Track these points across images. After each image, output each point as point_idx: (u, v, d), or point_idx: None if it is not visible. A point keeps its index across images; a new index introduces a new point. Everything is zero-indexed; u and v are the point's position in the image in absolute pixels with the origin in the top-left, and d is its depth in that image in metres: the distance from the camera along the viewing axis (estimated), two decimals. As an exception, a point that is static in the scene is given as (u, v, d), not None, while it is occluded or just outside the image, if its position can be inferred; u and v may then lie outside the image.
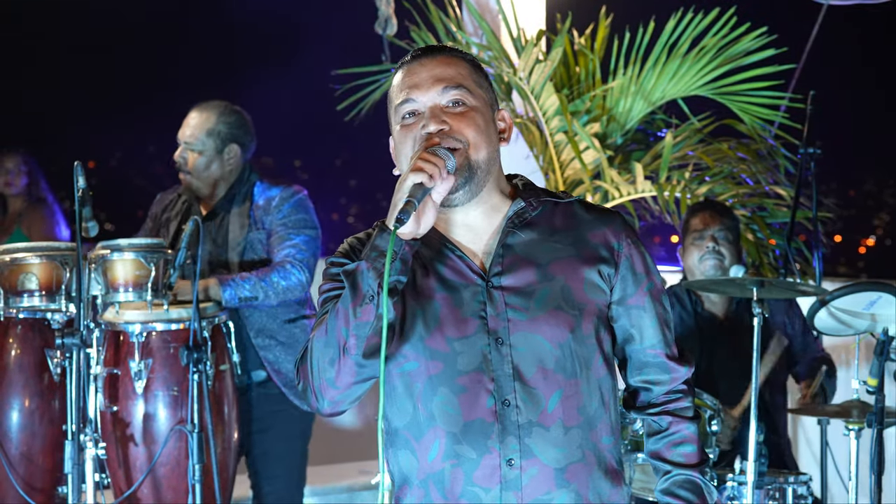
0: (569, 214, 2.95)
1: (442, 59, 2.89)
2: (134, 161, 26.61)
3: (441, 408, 2.81)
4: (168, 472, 4.97)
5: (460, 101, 2.85)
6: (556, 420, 2.80)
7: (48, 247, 5.13)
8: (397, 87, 2.90)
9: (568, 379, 2.82)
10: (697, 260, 5.78)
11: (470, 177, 2.83)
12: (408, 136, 2.85)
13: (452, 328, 2.81)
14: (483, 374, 2.80)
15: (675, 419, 3.02)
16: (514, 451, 2.79)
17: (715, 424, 5.24)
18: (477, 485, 2.80)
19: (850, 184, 25.39)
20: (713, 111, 7.49)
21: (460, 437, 2.80)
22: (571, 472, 2.82)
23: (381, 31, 7.61)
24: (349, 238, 2.95)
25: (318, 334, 2.77)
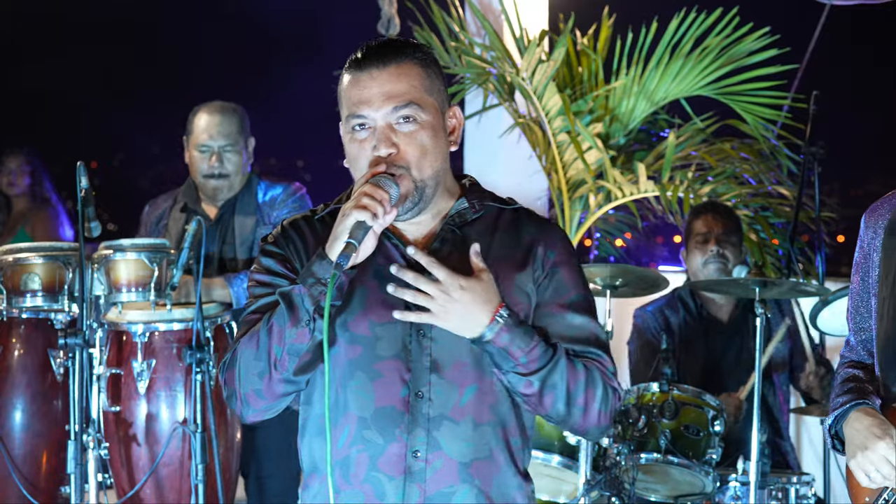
0: (510, 220, 2.97)
1: (393, 71, 2.86)
2: (137, 161, 26.60)
3: (355, 392, 2.84)
4: (171, 473, 4.97)
5: (411, 118, 2.85)
6: (466, 415, 2.83)
7: (51, 247, 5.13)
8: (347, 96, 2.90)
9: (483, 376, 2.84)
10: (701, 264, 5.78)
11: (418, 199, 2.86)
12: (360, 153, 2.87)
13: (375, 314, 2.83)
14: (401, 363, 2.83)
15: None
16: (422, 443, 2.82)
17: (718, 425, 5.24)
18: (381, 471, 2.83)
19: (852, 184, 25.36)
20: (716, 111, 7.49)
21: (370, 423, 2.83)
22: (476, 468, 2.84)
23: (383, 31, 7.61)
24: (285, 221, 2.99)
25: (248, 345, 2.80)
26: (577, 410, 2.83)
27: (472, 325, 2.75)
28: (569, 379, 2.80)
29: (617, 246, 8.12)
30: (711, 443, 5.24)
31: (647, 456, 5.20)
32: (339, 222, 2.72)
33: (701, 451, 5.22)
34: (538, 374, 2.78)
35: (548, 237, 2.94)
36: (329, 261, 2.72)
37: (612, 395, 2.87)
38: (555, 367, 2.79)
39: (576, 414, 2.83)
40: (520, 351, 2.76)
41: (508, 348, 2.75)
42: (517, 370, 2.77)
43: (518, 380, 2.79)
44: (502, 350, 2.76)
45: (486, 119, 7.83)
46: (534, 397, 2.80)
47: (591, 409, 2.84)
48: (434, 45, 7.44)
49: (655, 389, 5.28)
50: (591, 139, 7.03)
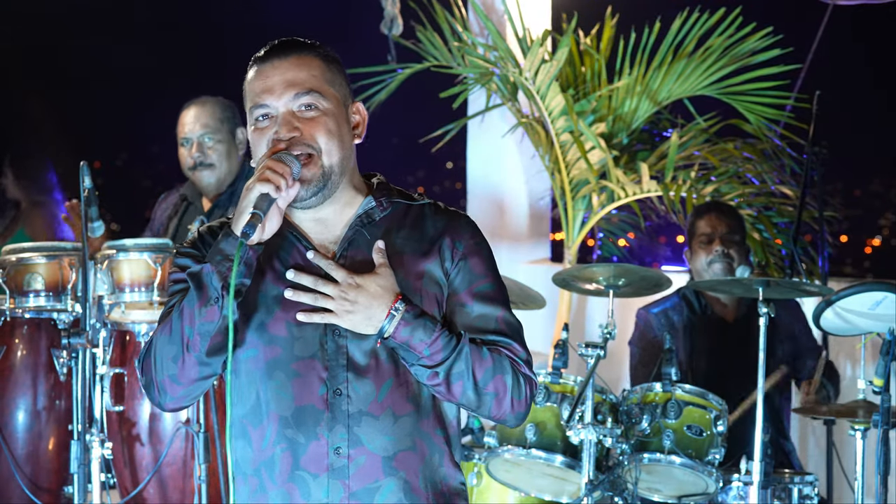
0: (418, 215, 2.99)
1: (294, 61, 2.92)
2: (140, 161, 26.62)
3: (275, 392, 2.87)
4: (174, 472, 4.97)
5: (312, 106, 2.90)
6: (385, 409, 2.86)
7: (54, 247, 5.14)
8: (250, 88, 2.94)
9: (398, 369, 2.87)
10: (706, 263, 5.77)
11: (324, 182, 2.88)
12: (261, 139, 2.90)
13: (292, 314, 2.86)
14: (317, 362, 2.86)
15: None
16: (343, 439, 2.85)
17: (720, 425, 5.24)
18: (305, 470, 2.86)
19: (855, 183, 25.33)
20: (719, 111, 7.49)
21: (290, 422, 2.86)
22: (400, 460, 2.87)
23: (386, 31, 7.62)
24: (203, 226, 3.02)
25: (162, 331, 2.84)
26: (488, 398, 2.85)
27: (371, 322, 2.81)
28: (475, 368, 2.83)
29: (620, 246, 8.12)
30: (714, 443, 5.24)
31: (650, 456, 5.20)
32: (243, 198, 2.76)
33: (704, 452, 5.21)
34: (442, 365, 2.81)
35: (455, 228, 2.97)
36: (235, 236, 2.76)
37: (524, 383, 2.89)
38: (458, 356, 2.82)
39: (487, 401, 2.86)
40: (421, 343, 2.80)
41: (409, 342, 2.80)
42: (422, 363, 2.81)
43: (423, 372, 2.83)
44: (403, 344, 2.80)
45: (489, 119, 7.83)
46: (441, 387, 2.83)
47: (503, 396, 2.86)
48: (437, 45, 7.45)
49: (658, 389, 5.27)
50: (594, 139, 7.03)
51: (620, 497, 5.24)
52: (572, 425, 5.14)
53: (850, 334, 5.36)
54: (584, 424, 5.10)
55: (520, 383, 2.89)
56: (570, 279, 5.61)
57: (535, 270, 7.84)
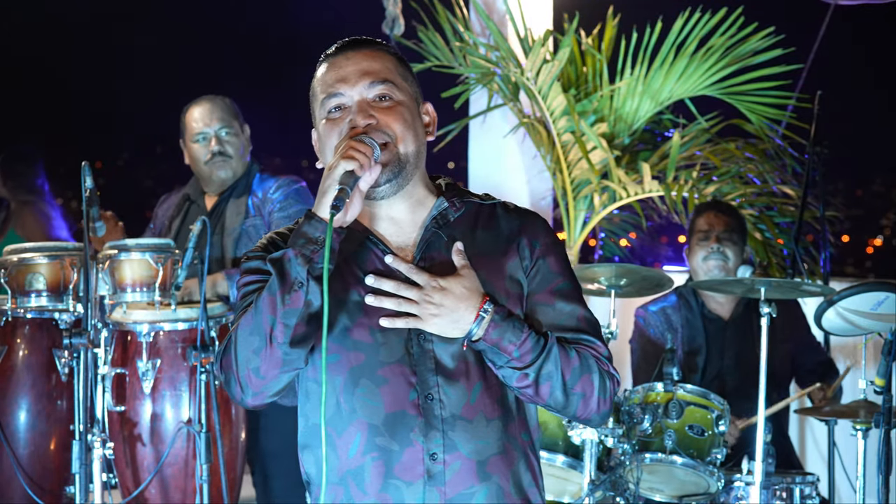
0: (490, 215, 2.96)
1: (368, 53, 2.90)
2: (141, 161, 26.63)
3: (362, 400, 2.81)
4: (175, 472, 4.97)
5: (387, 96, 2.87)
6: (477, 412, 2.81)
7: (56, 247, 5.14)
8: (323, 81, 2.91)
9: (486, 371, 2.82)
10: (701, 260, 5.79)
11: (399, 169, 2.84)
12: (334, 130, 2.87)
13: (376, 320, 2.81)
14: (405, 367, 2.81)
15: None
16: (438, 445, 2.79)
17: (722, 425, 5.24)
18: (398, 478, 2.79)
19: (857, 183, 25.35)
20: (720, 111, 7.49)
21: (382, 429, 2.80)
22: (492, 464, 2.82)
23: (388, 31, 7.61)
24: (268, 234, 2.97)
25: (242, 324, 2.76)
26: (575, 398, 2.81)
27: (459, 325, 2.77)
28: (563, 367, 2.79)
29: (621, 246, 8.12)
30: (716, 443, 5.24)
31: (652, 456, 5.20)
32: (326, 177, 2.72)
33: (705, 451, 5.22)
34: (532, 366, 2.76)
35: (530, 227, 2.94)
36: (318, 219, 2.71)
37: (608, 381, 2.85)
38: (548, 356, 2.78)
39: (575, 402, 2.81)
40: (511, 345, 2.75)
41: (499, 343, 2.75)
42: (511, 364, 2.76)
43: (512, 374, 2.77)
44: (493, 346, 2.75)
45: (491, 119, 7.82)
46: (530, 389, 2.78)
47: (590, 396, 2.82)
48: (439, 45, 7.45)
49: (660, 389, 5.28)
50: (595, 139, 7.03)
51: (622, 497, 5.24)
52: (574, 425, 5.14)
53: (852, 334, 5.36)
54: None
55: (605, 382, 2.84)
56: (571, 279, 5.61)
57: (536, 270, 7.83)
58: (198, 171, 5.62)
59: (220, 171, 5.54)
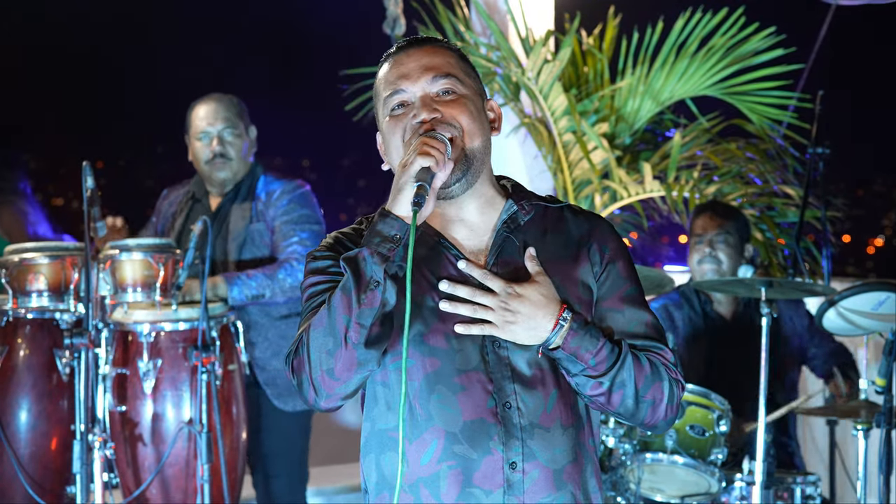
0: (558, 218, 2.92)
1: (429, 49, 2.87)
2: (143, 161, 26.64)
3: (439, 406, 2.77)
4: (176, 473, 4.97)
5: (451, 90, 2.83)
6: (554, 420, 2.78)
7: (57, 247, 5.14)
8: (385, 79, 2.87)
9: (560, 379, 2.80)
10: (696, 263, 5.81)
11: (467, 166, 2.80)
12: (397, 127, 2.83)
13: (450, 326, 2.77)
14: (482, 374, 2.76)
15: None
16: (517, 453, 2.75)
17: (723, 425, 5.24)
18: (477, 486, 2.75)
19: (858, 183, 25.36)
20: (721, 111, 7.49)
21: (460, 437, 2.76)
22: (568, 472, 2.80)
23: (389, 31, 7.61)
24: (333, 233, 2.92)
25: (315, 324, 2.70)
26: (645, 406, 2.78)
27: (537, 332, 2.73)
28: (636, 376, 2.76)
29: (622, 246, 8.11)
30: (717, 443, 5.24)
31: (653, 456, 5.20)
32: (401, 175, 2.67)
33: (706, 451, 5.22)
34: (608, 374, 2.74)
35: (599, 231, 2.90)
36: (393, 217, 2.66)
37: (676, 388, 2.83)
38: (622, 365, 2.75)
39: (644, 409, 2.79)
40: (588, 354, 2.73)
41: (577, 352, 2.72)
42: (586, 373, 2.73)
43: (586, 382, 2.75)
44: (570, 355, 2.73)
45: (492, 119, 7.82)
46: (602, 397, 2.76)
47: (659, 403, 2.80)
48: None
49: (661, 389, 5.27)
50: (596, 139, 7.03)
51: (623, 497, 5.24)
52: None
53: (853, 334, 5.37)
54: (586, 424, 5.09)
55: (674, 389, 2.82)
56: (572, 279, 5.60)
57: (537, 270, 7.83)
58: (199, 169, 5.62)
59: (220, 172, 5.53)
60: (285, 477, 5.56)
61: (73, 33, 20.70)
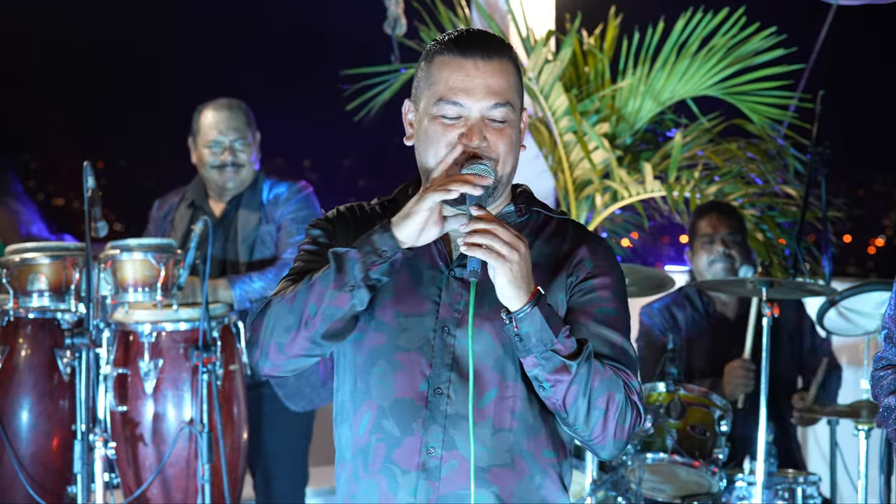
0: (557, 230, 2.92)
1: (497, 66, 2.83)
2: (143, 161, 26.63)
3: (376, 380, 2.81)
4: (177, 473, 4.98)
5: (504, 119, 2.82)
6: (486, 418, 2.77)
7: (58, 247, 5.14)
8: (444, 78, 2.83)
9: (506, 380, 2.79)
10: (707, 263, 5.77)
11: (492, 192, 2.81)
12: (443, 135, 2.81)
13: (404, 304, 2.81)
14: (423, 357, 2.80)
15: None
16: (437, 440, 2.78)
17: (724, 424, 5.24)
18: (395, 464, 2.80)
19: (859, 184, 25.34)
20: (722, 111, 7.49)
21: (388, 413, 2.80)
22: (495, 474, 2.78)
23: (390, 31, 7.61)
24: (341, 206, 2.98)
25: (283, 297, 2.76)
26: (596, 414, 2.72)
27: (520, 285, 2.65)
28: (593, 375, 2.71)
29: (623, 246, 8.12)
30: (718, 442, 5.24)
31: (654, 456, 5.20)
32: (418, 200, 2.69)
33: (707, 451, 5.22)
34: (576, 358, 2.68)
35: (589, 247, 2.88)
36: (391, 235, 2.70)
37: (631, 410, 2.76)
38: (585, 354, 2.70)
39: (594, 418, 2.73)
40: (557, 328, 2.67)
41: (549, 321, 2.65)
42: (555, 347, 2.66)
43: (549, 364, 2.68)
44: (545, 320, 2.65)
45: (493, 119, 7.83)
46: (560, 386, 2.69)
47: (610, 416, 2.73)
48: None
49: (662, 389, 5.28)
50: (597, 139, 7.03)
51: (624, 497, 5.24)
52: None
53: (854, 334, 5.37)
54: (587, 424, 5.09)
55: (628, 409, 2.75)
56: (573, 279, 5.60)
57: (538, 270, 7.84)
58: (203, 173, 5.62)
59: (231, 181, 5.55)
60: (286, 478, 5.56)
61: (73, 33, 20.70)
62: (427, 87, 2.86)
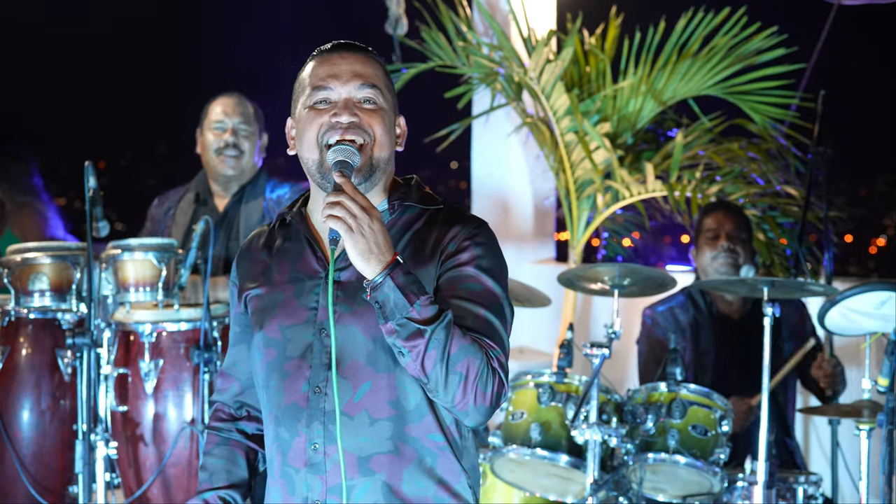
0: (429, 220, 3.01)
1: (360, 57, 3.02)
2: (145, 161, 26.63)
3: (272, 392, 2.97)
4: (178, 472, 4.98)
5: (372, 100, 2.99)
6: (360, 410, 2.90)
7: (59, 247, 5.14)
8: (314, 73, 3.01)
9: (379, 372, 2.91)
10: (711, 259, 5.78)
11: (370, 174, 2.96)
12: (315, 120, 2.97)
13: (286, 317, 2.97)
14: (304, 362, 2.94)
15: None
16: (319, 436, 2.92)
17: (726, 425, 5.24)
18: (290, 465, 2.96)
19: (860, 183, 25.34)
20: (724, 111, 7.48)
21: (280, 420, 2.96)
22: (378, 462, 2.91)
23: (391, 31, 7.61)
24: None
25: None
26: (454, 379, 2.79)
27: (374, 256, 2.76)
28: (451, 339, 2.78)
29: (625, 246, 8.11)
30: (719, 443, 5.23)
31: (655, 456, 5.19)
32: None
33: (709, 451, 5.21)
34: (429, 324, 2.76)
35: (455, 231, 2.96)
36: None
37: (493, 377, 2.82)
38: (441, 322, 2.77)
39: (453, 383, 2.79)
40: (413, 296, 2.75)
41: (404, 289, 2.75)
42: (411, 315, 2.75)
43: (405, 331, 2.76)
44: (399, 289, 2.75)
45: (494, 119, 7.83)
46: (418, 350, 2.77)
47: (471, 381, 2.79)
48: (442, 45, 7.44)
49: (663, 389, 5.27)
50: (598, 139, 7.02)
51: (625, 497, 5.24)
52: (577, 425, 5.13)
53: (855, 334, 5.36)
54: (588, 424, 5.10)
55: (489, 375, 2.82)
56: (574, 279, 5.61)
57: (539, 270, 7.84)
58: (206, 159, 5.62)
59: (227, 162, 5.56)
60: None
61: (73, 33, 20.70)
62: (300, 89, 3.05)
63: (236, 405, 3.20)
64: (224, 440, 3.19)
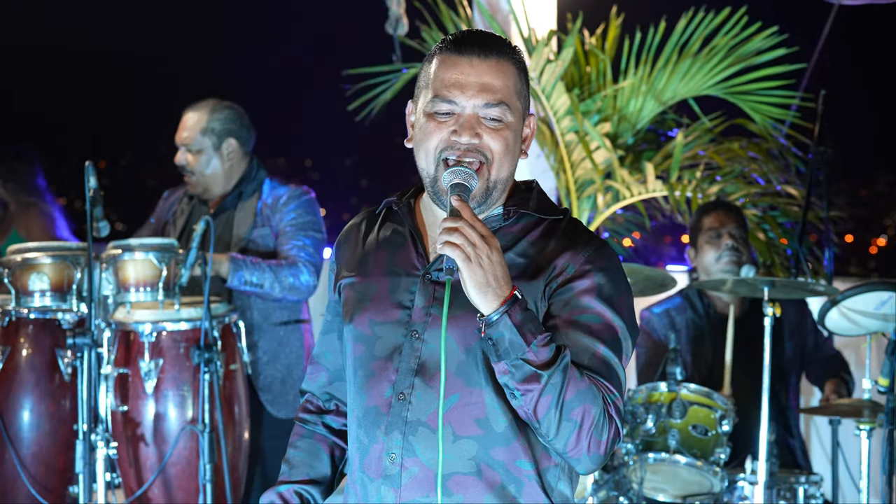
0: (543, 232, 2.82)
1: (493, 65, 2.78)
2: (145, 161, 26.65)
3: (356, 390, 2.82)
4: (179, 472, 4.98)
5: (499, 119, 2.77)
6: (445, 424, 2.72)
7: (59, 247, 5.14)
8: (439, 77, 2.79)
9: (469, 386, 2.72)
10: (714, 259, 5.75)
11: (485, 198, 2.78)
12: (435, 131, 2.76)
13: (378, 312, 2.80)
14: (391, 363, 2.78)
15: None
16: (397, 446, 2.74)
17: (726, 424, 5.24)
18: (365, 472, 2.80)
19: (861, 183, 25.38)
20: (724, 111, 7.48)
21: (361, 422, 2.81)
22: (456, 482, 2.72)
23: (391, 30, 7.61)
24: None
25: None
26: (568, 426, 2.61)
27: (492, 289, 2.58)
28: (568, 385, 2.60)
29: (625, 246, 8.11)
30: (720, 442, 5.24)
31: (656, 456, 5.20)
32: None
33: (709, 451, 5.22)
34: (548, 368, 2.58)
35: (574, 250, 2.77)
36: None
37: (609, 426, 2.65)
38: (560, 364, 2.59)
39: (567, 430, 2.62)
40: (531, 335, 2.58)
41: (521, 328, 2.57)
42: (525, 357, 2.57)
43: (521, 373, 2.59)
44: (516, 328, 2.57)
45: (494, 119, 7.82)
46: (531, 395, 2.59)
47: (585, 429, 2.62)
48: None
49: (664, 389, 5.27)
50: (599, 139, 7.02)
51: (625, 497, 5.24)
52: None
53: (856, 334, 5.37)
54: (589, 424, 5.09)
55: (605, 423, 2.64)
56: (575, 279, 5.60)
57: (540, 270, 7.84)
58: None
59: (192, 187, 5.60)
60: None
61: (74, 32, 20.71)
62: (425, 86, 2.83)
63: (325, 397, 3.04)
64: (309, 433, 3.03)
